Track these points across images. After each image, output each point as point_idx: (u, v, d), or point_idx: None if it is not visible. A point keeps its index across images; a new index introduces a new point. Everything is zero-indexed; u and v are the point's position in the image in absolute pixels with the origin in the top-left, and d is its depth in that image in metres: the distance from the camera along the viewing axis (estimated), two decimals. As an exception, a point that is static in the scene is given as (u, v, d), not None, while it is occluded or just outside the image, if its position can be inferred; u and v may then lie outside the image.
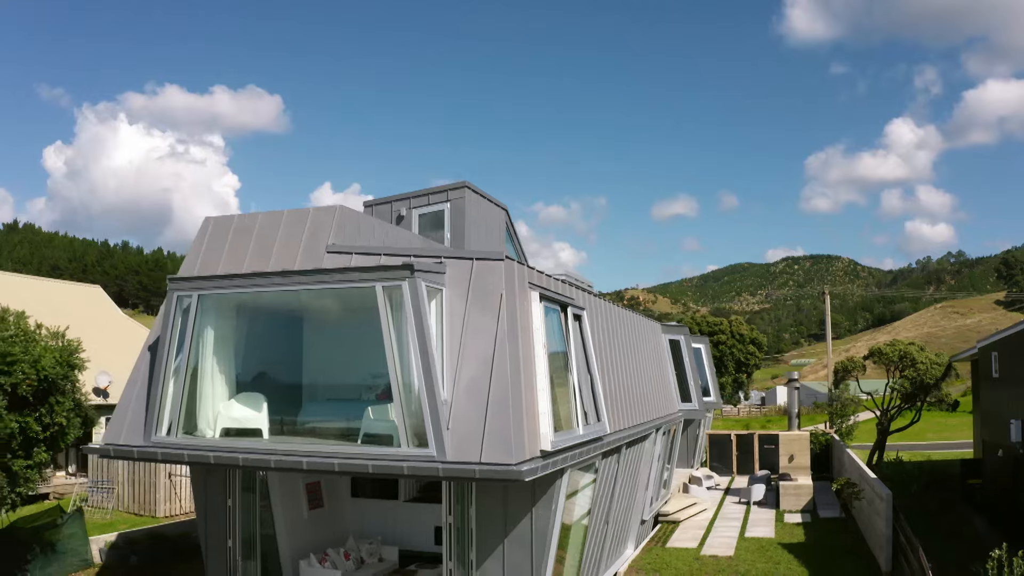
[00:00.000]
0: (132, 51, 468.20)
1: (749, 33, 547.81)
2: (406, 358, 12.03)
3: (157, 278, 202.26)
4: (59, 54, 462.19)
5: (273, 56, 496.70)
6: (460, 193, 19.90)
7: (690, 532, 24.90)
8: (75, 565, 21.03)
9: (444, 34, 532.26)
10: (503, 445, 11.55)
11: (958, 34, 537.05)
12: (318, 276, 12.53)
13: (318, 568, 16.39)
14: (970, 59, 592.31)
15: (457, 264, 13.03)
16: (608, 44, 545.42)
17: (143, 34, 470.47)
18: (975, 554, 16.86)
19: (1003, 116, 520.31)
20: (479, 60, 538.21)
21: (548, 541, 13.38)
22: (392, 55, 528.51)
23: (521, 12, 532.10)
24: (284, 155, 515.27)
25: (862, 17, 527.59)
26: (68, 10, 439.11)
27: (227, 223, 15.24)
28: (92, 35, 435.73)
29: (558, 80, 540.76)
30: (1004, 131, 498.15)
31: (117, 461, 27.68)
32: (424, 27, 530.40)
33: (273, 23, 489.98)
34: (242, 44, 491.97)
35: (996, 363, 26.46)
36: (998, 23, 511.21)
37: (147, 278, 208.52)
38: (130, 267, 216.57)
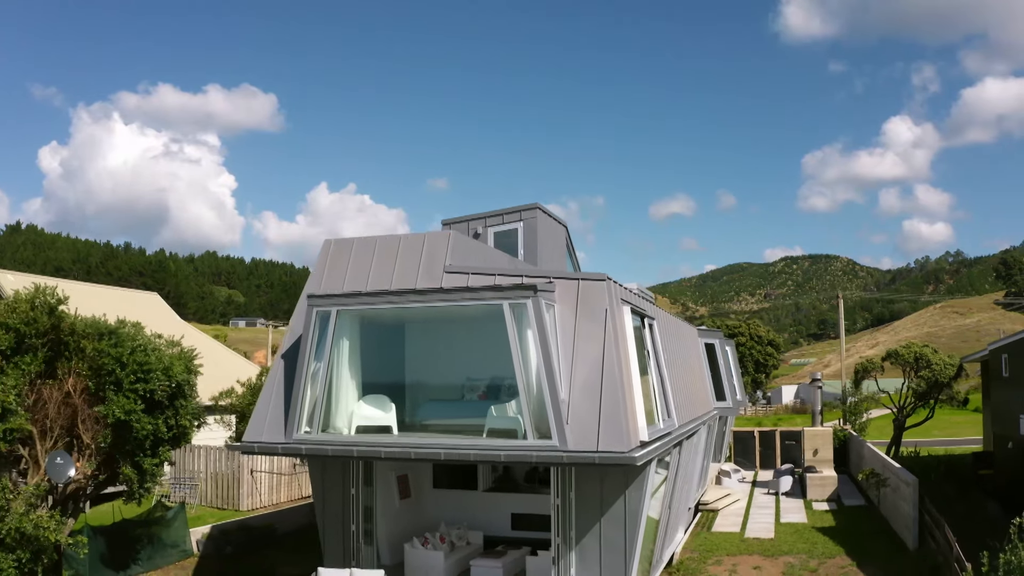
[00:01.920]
0: (124, 50, 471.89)
1: (745, 31, 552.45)
2: (528, 364, 14.24)
3: (161, 279, 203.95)
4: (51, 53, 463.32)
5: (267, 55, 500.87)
6: (532, 213, 22.15)
7: (730, 519, 27.10)
8: (177, 555, 23.12)
9: (441, 33, 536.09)
10: (616, 435, 13.79)
11: (956, 32, 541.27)
12: (454, 295, 14.75)
13: (421, 550, 18.57)
14: (968, 57, 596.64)
15: (564, 283, 15.28)
16: (604, 44, 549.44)
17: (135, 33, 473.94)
18: (990, 533, 19.00)
19: (1002, 114, 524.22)
20: (476, 60, 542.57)
21: (639, 520, 15.58)
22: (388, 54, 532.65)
23: (518, 12, 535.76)
24: (280, 154, 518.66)
25: (859, 15, 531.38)
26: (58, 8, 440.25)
27: (347, 245, 17.45)
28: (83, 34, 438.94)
29: (554, 80, 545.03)
30: (1003, 129, 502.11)
31: (200, 459, 29.89)
32: (421, 26, 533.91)
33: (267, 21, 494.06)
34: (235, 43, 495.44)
35: (1006, 364, 28.87)
36: (997, 20, 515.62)
37: (151, 279, 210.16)
38: (134, 268, 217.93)
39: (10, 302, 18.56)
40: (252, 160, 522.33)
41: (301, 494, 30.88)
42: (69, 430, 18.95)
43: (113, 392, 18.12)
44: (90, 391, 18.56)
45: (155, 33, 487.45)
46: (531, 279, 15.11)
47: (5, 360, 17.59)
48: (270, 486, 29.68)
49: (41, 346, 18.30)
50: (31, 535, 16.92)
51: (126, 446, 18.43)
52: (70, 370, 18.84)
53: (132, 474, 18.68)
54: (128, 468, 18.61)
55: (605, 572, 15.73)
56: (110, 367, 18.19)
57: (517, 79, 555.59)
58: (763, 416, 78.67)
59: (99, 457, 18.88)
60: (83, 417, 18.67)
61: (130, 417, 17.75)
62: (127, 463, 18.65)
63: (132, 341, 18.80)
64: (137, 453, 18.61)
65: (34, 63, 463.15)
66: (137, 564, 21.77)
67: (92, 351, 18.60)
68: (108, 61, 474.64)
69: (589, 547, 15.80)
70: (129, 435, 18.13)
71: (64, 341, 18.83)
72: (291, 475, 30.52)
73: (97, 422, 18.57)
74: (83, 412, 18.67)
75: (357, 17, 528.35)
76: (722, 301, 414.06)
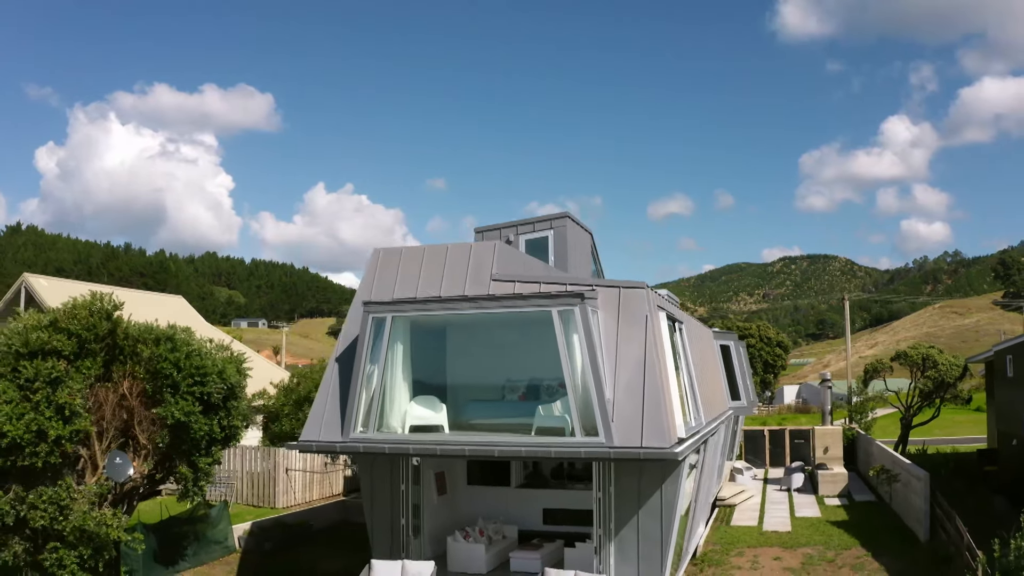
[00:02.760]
0: (120, 50, 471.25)
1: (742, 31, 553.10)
2: (575, 366, 15.28)
3: (162, 280, 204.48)
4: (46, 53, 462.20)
5: (264, 54, 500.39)
6: (562, 222, 23.20)
7: (746, 514, 28.15)
8: (221, 551, 24.12)
9: (439, 33, 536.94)
10: (659, 432, 14.84)
11: (954, 31, 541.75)
12: (505, 302, 15.80)
13: (462, 543, 19.60)
14: (966, 56, 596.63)
15: (606, 291, 16.33)
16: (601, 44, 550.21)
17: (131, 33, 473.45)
18: (998, 525, 20.03)
19: (999, 114, 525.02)
20: (474, 60, 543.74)
21: (674, 512, 16.62)
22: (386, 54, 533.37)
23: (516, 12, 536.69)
24: (277, 154, 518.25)
25: (857, 14, 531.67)
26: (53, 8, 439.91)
27: (396, 254, 18.49)
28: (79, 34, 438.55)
29: (552, 80, 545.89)
30: (1000, 129, 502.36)
31: (236, 458, 30.89)
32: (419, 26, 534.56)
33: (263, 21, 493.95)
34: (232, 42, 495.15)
35: (1011, 365, 30.01)
36: (995, 20, 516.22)
37: (152, 280, 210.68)
38: (135, 269, 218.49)
39: (68, 308, 19.54)
40: (249, 160, 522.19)
41: (332, 492, 31.90)
42: (123, 431, 19.94)
43: (170, 394, 19.09)
44: (147, 394, 19.55)
45: (151, 32, 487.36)
46: (576, 287, 16.14)
47: (68, 364, 18.59)
48: (303, 484, 30.69)
49: (99, 350, 19.30)
50: (93, 532, 17.90)
51: (183, 446, 19.42)
52: (125, 373, 19.82)
53: (188, 473, 19.67)
54: (185, 467, 19.60)
55: (642, 562, 16.76)
56: (167, 371, 19.16)
57: (515, 79, 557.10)
58: (767, 416, 79.80)
59: (155, 457, 19.89)
60: (139, 419, 19.65)
61: (189, 418, 18.74)
62: (183, 462, 19.64)
63: (187, 346, 19.79)
64: (193, 453, 19.60)
65: (30, 63, 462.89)
66: (184, 560, 22.76)
67: (149, 355, 19.58)
68: (104, 61, 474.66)
69: (627, 538, 16.82)
70: (187, 436, 19.12)
71: (120, 345, 19.81)
72: (323, 473, 31.54)
73: (153, 423, 19.55)
74: (139, 414, 19.66)
75: (354, 16, 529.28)
76: (720, 301, 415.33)
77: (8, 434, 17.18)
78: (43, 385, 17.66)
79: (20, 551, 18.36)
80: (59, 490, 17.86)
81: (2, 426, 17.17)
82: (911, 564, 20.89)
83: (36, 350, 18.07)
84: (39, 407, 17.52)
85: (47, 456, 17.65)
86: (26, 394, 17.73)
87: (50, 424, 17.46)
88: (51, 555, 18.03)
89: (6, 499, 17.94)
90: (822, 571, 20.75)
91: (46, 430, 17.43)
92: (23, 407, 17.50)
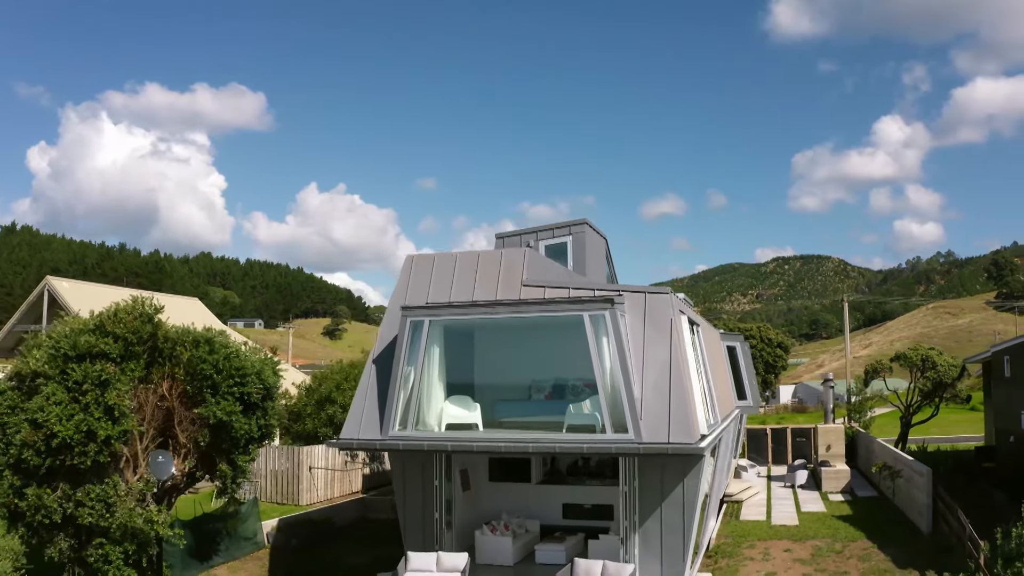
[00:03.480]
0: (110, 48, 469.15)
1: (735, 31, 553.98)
2: (604, 367, 16.24)
3: (157, 280, 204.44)
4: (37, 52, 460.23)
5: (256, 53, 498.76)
6: (581, 228, 24.19)
7: (754, 509, 29.12)
8: (251, 547, 24.99)
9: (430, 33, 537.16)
10: (685, 429, 15.81)
11: (947, 31, 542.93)
12: (538, 307, 16.75)
13: (490, 536, 20.55)
14: (959, 56, 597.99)
15: (631, 296, 17.30)
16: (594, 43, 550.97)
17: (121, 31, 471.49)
18: (998, 518, 21.04)
19: (992, 114, 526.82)
20: (466, 60, 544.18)
21: (695, 504, 17.58)
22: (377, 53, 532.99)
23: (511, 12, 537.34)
24: (269, 154, 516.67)
25: (850, 14, 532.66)
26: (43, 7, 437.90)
27: (428, 260, 19.45)
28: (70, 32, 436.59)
29: (544, 80, 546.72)
30: (993, 129, 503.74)
31: (259, 456, 31.73)
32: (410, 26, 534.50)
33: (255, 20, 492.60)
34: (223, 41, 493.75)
35: (1008, 365, 31.19)
36: (988, 20, 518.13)
37: (147, 280, 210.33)
38: (130, 269, 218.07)
39: (112, 313, 20.41)
40: (242, 160, 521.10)
41: (351, 489, 32.81)
42: (161, 431, 20.84)
43: (210, 395, 20.00)
44: (187, 394, 20.45)
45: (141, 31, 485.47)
46: (604, 292, 17.11)
47: (115, 366, 19.46)
48: (325, 482, 31.59)
49: (142, 353, 20.19)
50: (137, 529, 18.77)
51: (223, 445, 20.32)
52: (164, 375, 20.71)
53: (228, 471, 20.58)
54: (225, 465, 20.51)
55: (665, 552, 17.72)
56: (207, 372, 20.05)
57: (508, 79, 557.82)
58: (766, 415, 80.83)
59: (195, 455, 20.79)
60: (179, 418, 20.55)
61: (231, 418, 19.64)
62: (223, 460, 20.55)
63: (225, 348, 20.70)
64: (233, 451, 20.51)
65: (21, 62, 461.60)
66: (218, 555, 23.63)
67: (188, 357, 20.45)
68: (95, 60, 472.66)
69: (651, 530, 17.78)
70: (227, 435, 20.02)
71: (159, 348, 20.71)
72: (343, 471, 32.45)
73: (193, 423, 20.46)
74: (179, 414, 20.56)
75: (345, 16, 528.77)
76: (714, 301, 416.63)
77: (59, 434, 18.06)
78: (92, 387, 18.54)
79: (65, 547, 19.22)
80: (106, 488, 18.75)
81: (53, 427, 18.08)
82: (915, 554, 21.88)
83: (84, 353, 18.96)
84: (88, 408, 18.40)
85: (96, 455, 18.52)
86: (75, 396, 18.62)
87: (99, 424, 18.33)
88: (96, 551, 18.92)
89: (53, 497, 18.81)
90: (831, 562, 21.73)
91: (96, 430, 18.31)
92: (72, 408, 18.38)
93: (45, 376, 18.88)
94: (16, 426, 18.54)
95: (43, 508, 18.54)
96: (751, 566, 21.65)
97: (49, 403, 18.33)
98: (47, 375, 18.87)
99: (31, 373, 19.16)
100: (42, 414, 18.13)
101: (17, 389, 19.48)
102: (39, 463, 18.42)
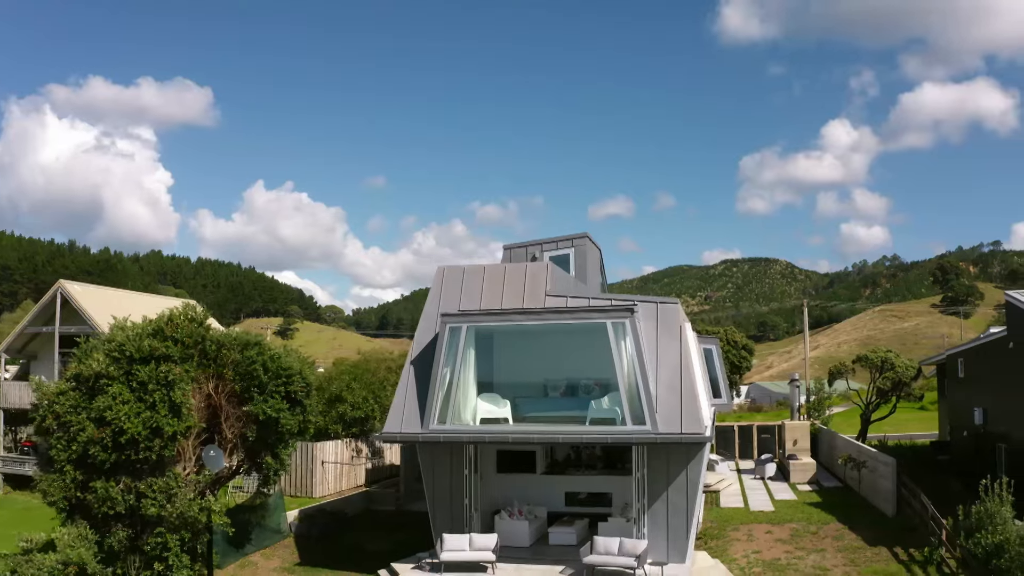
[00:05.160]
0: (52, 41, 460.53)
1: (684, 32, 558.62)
2: (624, 367, 18.71)
3: (110, 279, 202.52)
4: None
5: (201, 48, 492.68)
6: (583, 241, 26.69)
7: (732, 498, 31.77)
8: (277, 536, 26.92)
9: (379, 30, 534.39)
10: (694, 421, 18.36)
11: (896, 36, 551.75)
12: (566, 315, 19.22)
13: (508, 520, 22.87)
14: (908, 61, 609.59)
15: (646, 305, 19.81)
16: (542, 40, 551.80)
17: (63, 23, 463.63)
18: (955, 502, 23.78)
19: (939, 119, 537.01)
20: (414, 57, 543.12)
21: (698, 488, 20.11)
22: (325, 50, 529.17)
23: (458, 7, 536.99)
24: (215, 150, 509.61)
25: (798, 17, 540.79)
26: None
27: (458, 271, 21.81)
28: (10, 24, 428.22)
29: (491, 77, 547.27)
30: (940, 134, 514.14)
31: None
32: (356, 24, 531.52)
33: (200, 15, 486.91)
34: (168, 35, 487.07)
35: (962, 367, 34.34)
36: (936, 25, 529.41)
37: (99, 279, 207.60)
38: (81, 267, 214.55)
39: (166, 318, 22.38)
40: (188, 156, 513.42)
41: (357, 482, 34.95)
42: (208, 427, 22.78)
43: (257, 393, 22.08)
44: (236, 393, 22.48)
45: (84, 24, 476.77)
46: (622, 302, 19.60)
47: (179, 367, 21.41)
48: (336, 475, 33.70)
49: (195, 355, 22.19)
50: (194, 518, 20.68)
51: (269, 439, 22.41)
52: (210, 375, 22.68)
53: (273, 463, 22.68)
54: (270, 458, 22.60)
55: (671, 531, 20.25)
56: (257, 372, 22.08)
57: (457, 76, 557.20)
58: (725, 414, 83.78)
59: (242, 450, 22.85)
60: (226, 415, 22.60)
61: (279, 414, 21.74)
62: (268, 454, 22.64)
63: (271, 349, 22.79)
64: (277, 445, 22.60)
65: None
66: (250, 543, 25.55)
67: (239, 359, 22.40)
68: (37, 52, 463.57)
69: (658, 511, 20.27)
70: (274, 430, 22.11)
71: (207, 351, 22.69)
72: (351, 465, 34.58)
73: (239, 419, 22.51)
74: (226, 411, 22.59)
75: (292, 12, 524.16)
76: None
77: (128, 431, 20.03)
78: (158, 387, 20.54)
79: (123, 537, 21.07)
80: (168, 480, 20.71)
81: (123, 424, 20.03)
82: (883, 534, 24.61)
83: (148, 356, 20.96)
84: (155, 406, 20.38)
85: (161, 450, 20.52)
86: (139, 395, 20.57)
87: (166, 421, 20.35)
88: (154, 539, 20.77)
89: (117, 489, 20.71)
90: (809, 541, 24.39)
91: (162, 427, 20.31)
92: (139, 406, 20.36)
93: (109, 377, 20.81)
94: (80, 424, 20.42)
95: (109, 500, 20.42)
96: (739, 545, 24.21)
97: (116, 402, 20.26)
98: (111, 376, 20.81)
99: (94, 375, 21.06)
100: (111, 412, 20.06)
101: (77, 390, 21.35)
102: (105, 458, 20.32)
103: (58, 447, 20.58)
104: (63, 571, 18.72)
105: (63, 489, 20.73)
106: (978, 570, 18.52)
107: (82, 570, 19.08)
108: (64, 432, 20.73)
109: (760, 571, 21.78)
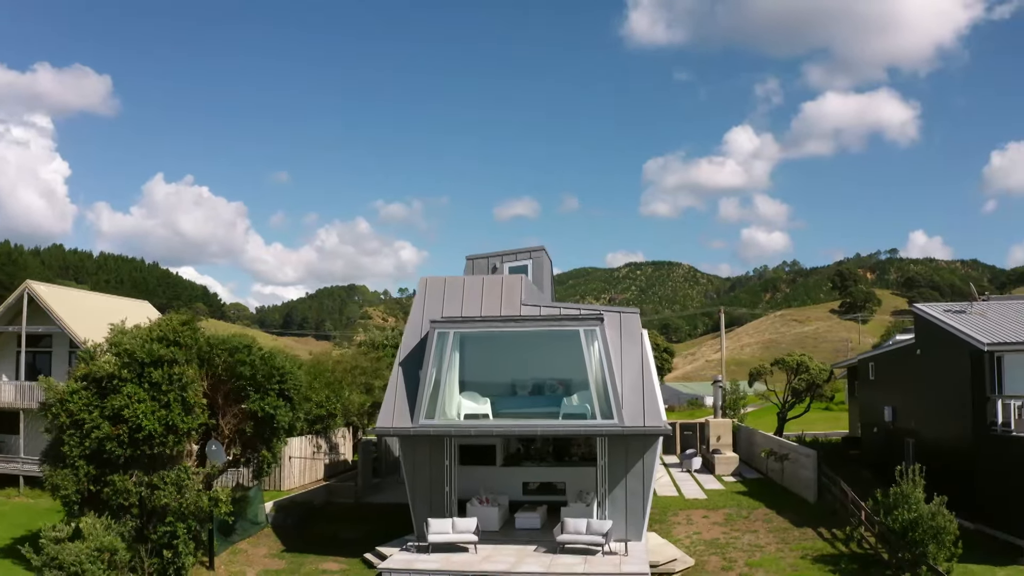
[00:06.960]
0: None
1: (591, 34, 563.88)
2: (593, 368, 21.46)
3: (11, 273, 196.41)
4: None
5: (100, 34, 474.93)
6: (540, 253, 29.43)
7: (666, 488, 34.79)
8: (256, 527, 28.67)
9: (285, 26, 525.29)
10: (655, 416, 21.27)
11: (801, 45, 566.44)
12: (542, 322, 21.91)
13: (479, 507, 25.34)
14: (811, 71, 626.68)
15: (610, 314, 22.61)
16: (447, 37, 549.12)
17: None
18: (868, 489, 27.21)
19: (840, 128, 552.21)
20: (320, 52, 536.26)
21: (652, 475, 22.96)
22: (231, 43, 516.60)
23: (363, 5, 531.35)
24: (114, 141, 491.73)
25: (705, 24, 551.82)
26: None
27: (440, 282, 24.34)
28: None
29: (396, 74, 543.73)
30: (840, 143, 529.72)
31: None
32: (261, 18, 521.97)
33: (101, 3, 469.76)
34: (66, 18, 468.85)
35: (872, 370, 38.28)
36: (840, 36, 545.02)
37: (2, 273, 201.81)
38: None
39: (166, 323, 24.24)
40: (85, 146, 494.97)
41: (317, 476, 36.93)
42: (206, 423, 24.47)
43: (253, 392, 24.05)
44: (232, 391, 24.41)
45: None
46: (591, 311, 22.35)
47: (191, 370, 23.26)
48: (300, 470, 35.63)
49: (194, 357, 24.07)
50: (200, 508, 22.57)
51: (265, 434, 24.45)
52: (205, 375, 24.49)
53: (268, 456, 24.73)
54: (266, 451, 24.65)
55: (630, 513, 23.06)
56: (246, 373, 24.04)
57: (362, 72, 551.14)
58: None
59: (238, 445, 24.81)
60: (223, 412, 24.54)
61: (276, 411, 23.80)
62: (264, 448, 24.67)
63: (261, 351, 24.79)
64: (272, 439, 24.64)
65: None
66: (235, 534, 27.32)
67: (229, 361, 24.35)
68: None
69: (618, 496, 23.07)
70: (270, 425, 24.15)
71: (202, 353, 24.52)
72: (312, 460, 36.56)
73: (235, 416, 24.46)
74: (223, 408, 24.52)
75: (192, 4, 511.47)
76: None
77: (145, 427, 21.87)
78: (172, 387, 22.42)
79: (132, 527, 22.76)
80: (179, 473, 22.60)
81: (141, 421, 21.86)
82: (808, 517, 27.93)
83: (156, 359, 22.81)
84: (170, 405, 22.26)
85: (174, 445, 22.43)
86: (152, 394, 22.37)
87: (180, 419, 22.27)
88: (162, 528, 22.56)
89: (130, 482, 22.46)
90: (742, 524, 27.53)
91: (176, 424, 22.22)
92: (153, 405, 22.19)
93: (121, 379, 22.59)
94: (94, 422, 22.12)
95: (124, 492, 22.18)
96: (680, 528, 27.20)
97: (132, 401, 22.07)
98: (123, 378, 22.59)
99: (106, 375, 22.81)
100: (128, 410, 21.89)
101: (88, 389, 23.02)
102: (120, 453, 22.08)
103: (71, 443, 22.19)
104: (99, 557, 20.44)
105: (76, 483, 22.33)
106: (896, 543, 21.77)
107: (111, 556, 20.80)
108: (77, 429, 22.33)
109: (704, 548, 24.81)
